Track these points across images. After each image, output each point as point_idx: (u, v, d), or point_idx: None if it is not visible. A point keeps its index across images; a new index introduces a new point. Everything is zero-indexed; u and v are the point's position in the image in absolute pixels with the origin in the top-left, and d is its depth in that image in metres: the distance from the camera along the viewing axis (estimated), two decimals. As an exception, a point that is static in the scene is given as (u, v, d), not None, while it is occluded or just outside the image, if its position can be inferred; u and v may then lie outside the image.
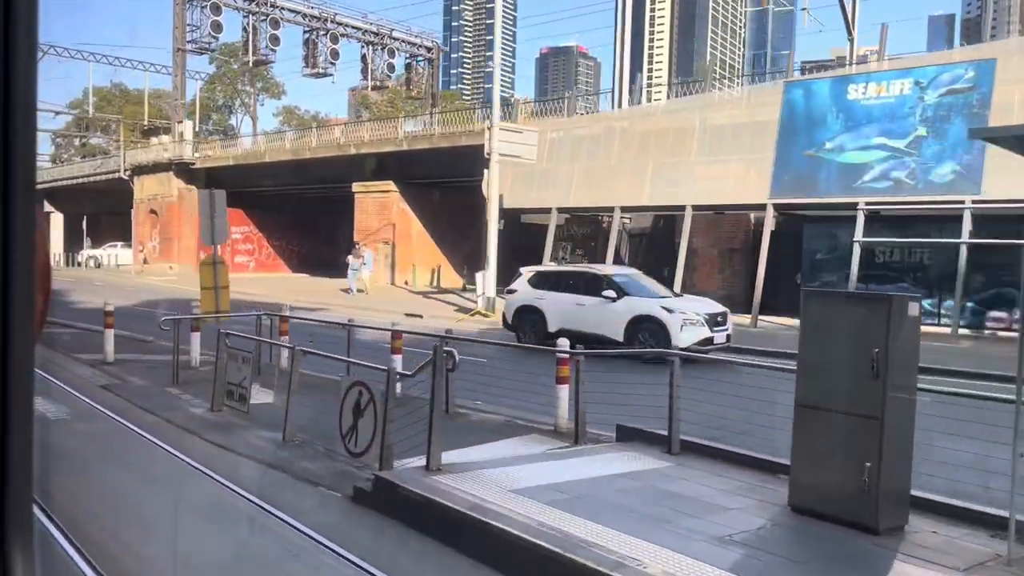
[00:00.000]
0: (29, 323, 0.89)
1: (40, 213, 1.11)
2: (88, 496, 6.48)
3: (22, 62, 0.86)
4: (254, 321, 12.61)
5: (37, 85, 0.90)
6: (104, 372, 11.91)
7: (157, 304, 23.73)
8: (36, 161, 0.96)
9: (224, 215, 12.30)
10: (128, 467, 7.42)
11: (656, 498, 5.70)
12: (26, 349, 0.89)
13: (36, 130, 0.93)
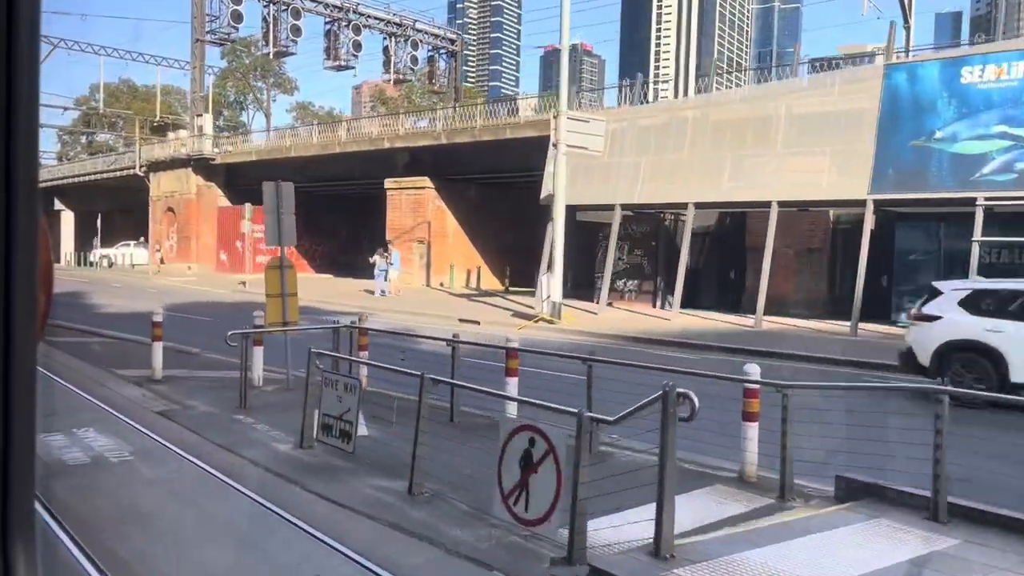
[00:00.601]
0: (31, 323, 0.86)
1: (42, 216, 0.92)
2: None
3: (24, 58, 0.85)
4: (325, 333, 10.98)
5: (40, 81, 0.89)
6: (155, 393, 10.28)
7: (185, 308, 22.13)
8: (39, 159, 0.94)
9: (292, 211, 10.67)
10: (226, 534, 5.79)
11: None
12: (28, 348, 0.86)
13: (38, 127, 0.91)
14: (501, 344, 9.16)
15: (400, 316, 20.54)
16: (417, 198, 29.47)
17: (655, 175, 19.50)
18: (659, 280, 22.16)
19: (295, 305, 10.62)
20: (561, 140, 17.22)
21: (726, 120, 18.57)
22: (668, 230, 22.32)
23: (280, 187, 10.51)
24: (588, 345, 15.13)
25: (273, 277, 10.51)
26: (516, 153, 25.81)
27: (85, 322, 18.14)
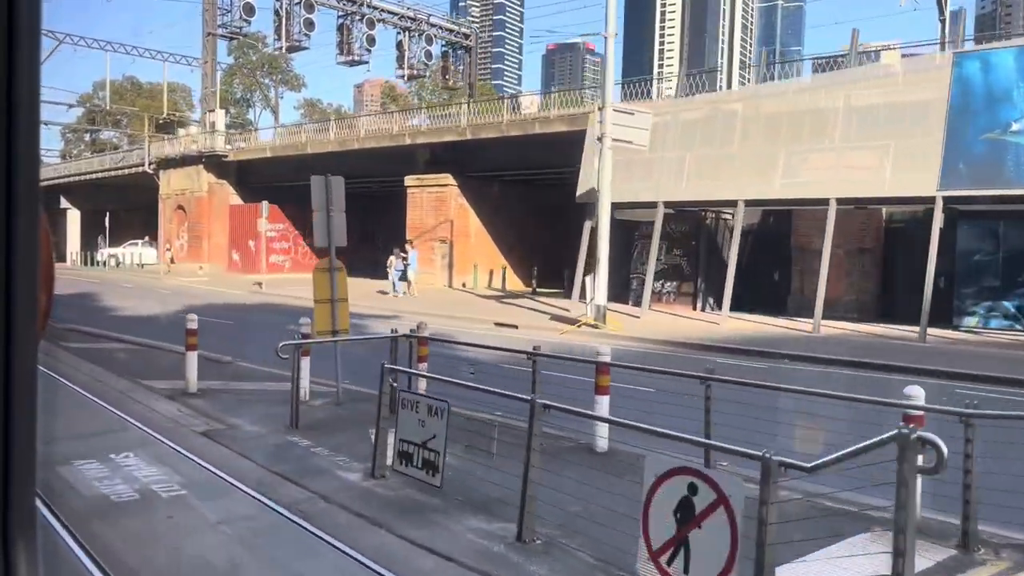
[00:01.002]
0: (32, 321, 0.86)
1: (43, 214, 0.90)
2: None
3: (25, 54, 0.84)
4: (373, 343, 10.01)
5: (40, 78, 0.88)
6: (193, 409, 9.31)
7: (203, 311, 21.14)
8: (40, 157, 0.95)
9: (342, 207, 9.69)
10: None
11: None
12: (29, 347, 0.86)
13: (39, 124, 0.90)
14: (586, 357, 8.16)
15: (429, 319, 19.54)
16: (439, 196, 28.49)
17: (701, 171, 18.52)
18: (699, 281, 21.17)
19: (345, 312, 9.65)
20: (607, 133, 16.25)
21: (779, 113, 17.58)
22: (709, 229, 21.33)
23: (330, 181, 9.54)
24: (644, 352, 14.15)
25: (322, 281, 9.53)
26: (545, 149, 24.84)
27: (101, 326, 17.21)
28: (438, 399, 6.30)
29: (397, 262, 26.50)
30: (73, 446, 7.58)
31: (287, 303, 23.60)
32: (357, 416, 9.09)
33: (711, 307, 21.40)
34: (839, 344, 14.83)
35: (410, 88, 66.11)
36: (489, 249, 29.63)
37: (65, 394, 9.98)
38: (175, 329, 17.59)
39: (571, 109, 25.49)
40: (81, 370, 11.76)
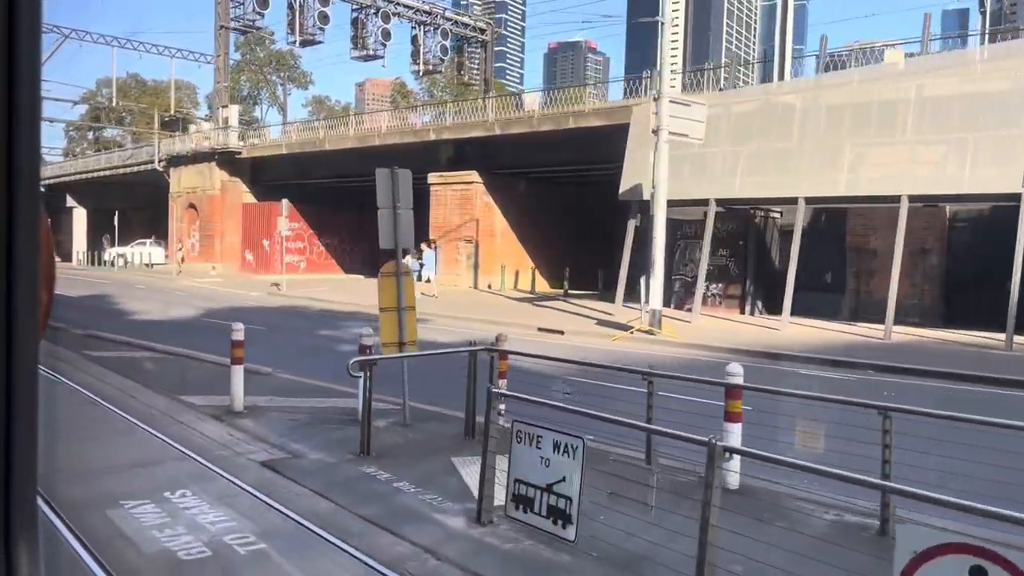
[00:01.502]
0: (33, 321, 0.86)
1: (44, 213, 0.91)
2: None
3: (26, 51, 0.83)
4: (445, 357, 8.94)
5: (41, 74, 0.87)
6: (243, 432, 8.25)
7: (226, 314, 20.09)
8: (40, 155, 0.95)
9: (409, 204, 8.63)
10: None
11: None
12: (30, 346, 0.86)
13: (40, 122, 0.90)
14: (710, 377, 7.09)
15: (459, 323, 18.51)
16: (464, 194, 27.42)
17: (756, 167, 17.45)
18: (748, 284, 20.10)
19: (413, 321, 8.58)
20: (663, 126, 15.19)
21: (842, 105, 16.51)
22: (758, 228, 20.25)
23: (396, 175, 8.50)
24: (713, 363, 13.06)
25: (388, 287, 8.47)
26: (578, 144, 23.79)
27: (120, 331, 16.13)
28: (571, 434, 5.23)
29: (412, 262, 25.49)
30: (118, 481, 6.53)
31: (312, 306, 22.56)
32: (432, 441, 8.05)
33: (759, 311, 20.35)
34: (920, 353, 13.77)
35: (422, 85, 65.07)
36: (515, 249, 28.57)
37: (97, 413, 8.93)
38: (201, 335, 16.54)
39: (608, 103, 24.43)
40: (109, 382, 10.71)
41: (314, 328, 17.48)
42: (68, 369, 11.43)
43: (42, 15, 0.86)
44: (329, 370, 12.35)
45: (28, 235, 0.85)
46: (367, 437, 7.39)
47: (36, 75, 0.85)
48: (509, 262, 27.97)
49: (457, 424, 8.61)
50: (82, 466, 7.00)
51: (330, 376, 11.61)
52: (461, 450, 7.61)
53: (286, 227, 25.81)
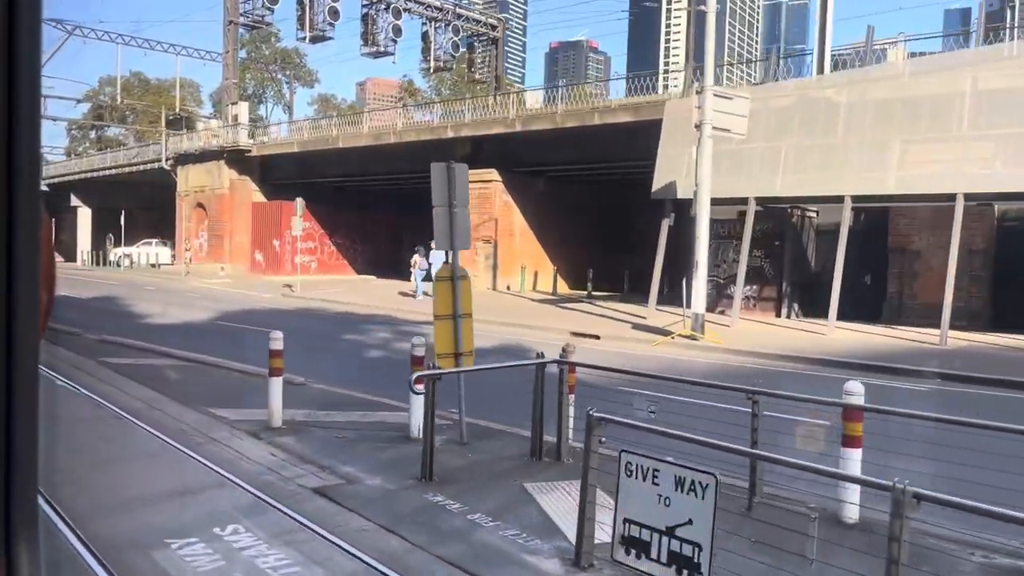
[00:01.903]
0: (34, 320, 0.86)
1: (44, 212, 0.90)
2: None
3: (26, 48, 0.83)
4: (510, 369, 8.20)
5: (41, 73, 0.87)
6: (289, 452, 7.52)
7: (242, 318, 19.38)
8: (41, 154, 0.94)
9: (466, 202, 7.91)
10: None
11: None
12: (31, 345, 0.86)
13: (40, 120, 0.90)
14: (820, 397, 6.35)
15: (491, 328, 17.79)
16: (483, 193, 26.66)
17: (799, 164, 16.72)
18: (784, 286, 19.36)
19: (470, 330, 7.84)
20: (707, 120, 14.46)
21: (891, 99, 15.79)
22: (795, 228, 19.52)
23: (453, 171, 7.76)
24: (767, 371, 12.32)
25: (444, 292, 7.73)
26: (603, 141, 23.07)
27: (134, 335, 15.39)
28: (699, 469, 4.49)
29: (421, 261, 24.77)
30: (159, 514, 5.81)
31: (329, 308, 21.83)
32: (496, 463, 7.31)
33: (796, 314, 19.62)
34: (983, 360, 13.05)
35: (430, 84, 64.38)
36: (534, 249, 27.85)
37: (124, 429, 8.20)
38: (220, 339, 15.83)
39: (635, 98, 23.70)
40: (131, 393, 9.98)
41: (337, 332, 16.76)
42: (87, 379, 10.71)
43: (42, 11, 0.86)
44: (364, 379, 11.64)
45: (28, 234, 0.84)
46: (430, 460, 6.66)
47: (36, 72, 0.85)
48: (528, 262, 27.25)
49: (518, 443, 7.89)
50: (116, 495, 6.28)
51: (366, 386, 10.90)
52: (531, 474, 6.89)
53: (300, 227, 25.08)
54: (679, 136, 18.73)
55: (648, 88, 24.06)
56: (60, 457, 7.22)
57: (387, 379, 12.13)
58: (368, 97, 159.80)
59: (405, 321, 18.82)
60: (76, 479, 6.56)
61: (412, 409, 8.03)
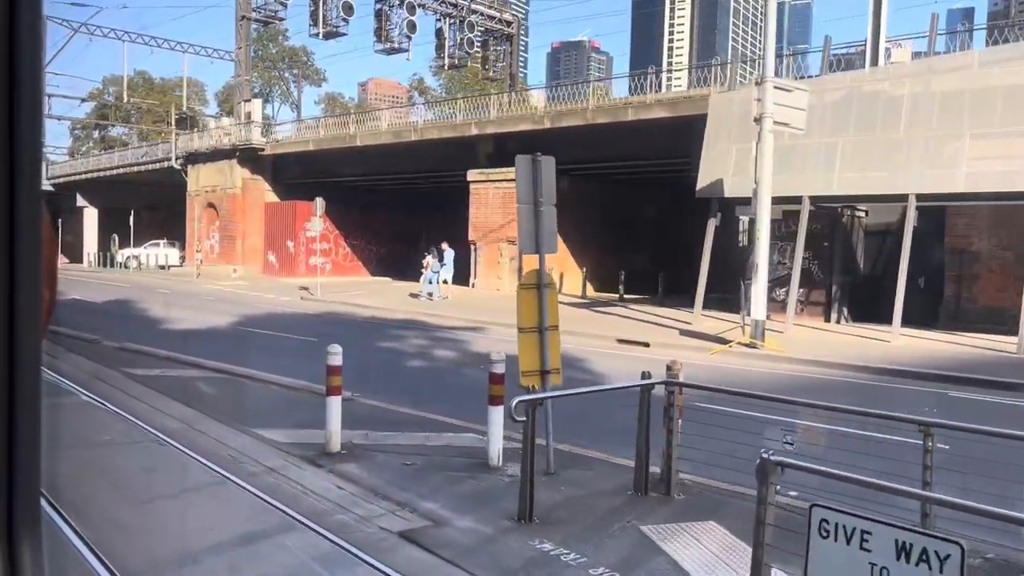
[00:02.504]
0: (35, 318, 0.87)
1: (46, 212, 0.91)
2: None
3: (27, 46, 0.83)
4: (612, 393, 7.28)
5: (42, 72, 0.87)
6: (356, 483, 6.62)
7: (265, 323, 18.48)
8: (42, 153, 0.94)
9: (552, 200, 7.00)
10: None
11: None
12: (33, 344, 0.86)
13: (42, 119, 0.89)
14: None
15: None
16: (508, 192, 25.71)
17: (858, 161, 15.81)
18: (834, 289, 18.45)
19: (558, 345, 6.93)
20: (767, 113, 13.55)
21: (960, 91, 14.87)
22: (845, 228, 18.61)
23: (539, 164, 6.86)
24: (844, 384, 11.40)
25: (529, 302, 6.83)
26: (634, 138, 22.16)
27: (155, 342, 14.48)
28: (934, 535, 3.57)
29: (433, 262, 23.88)
30: (225, 570, 4.91)
31: (354, 312, 20.93)
32: (596, 499, 6.39)
33: (845, 318, 18.71)
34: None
35: (440, 82, 63.51)
36: (559, 251, 26.88)
37: (167, 455, 7.29)
38: (246, 347, 14.92)
39: (672, 93, 22.80)
40: (164, 410, 9.08)
41: (370, 339, 15.86)
42: (114, 393, 9.81)
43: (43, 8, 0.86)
44: (412, 393, 10.74)
45: (30, 233, 0.84)
46: (529, 500, 5.74)
47: (38, 71, 0.85)
48: (553, 264, 26.32)
49: (611, 473, 6.98)
50: (170, 543, 5.38)
51: (417, 401, 10.01)
52: (642, 514, 5.98)
53: (319, 227, 24.19)
54: (724, 132, 17.84)
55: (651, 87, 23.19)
56: (98, 492, 6.33)
57: (436, 393, 11.25)
58: (370, 97, 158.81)
59: (437, 327, 17.92)
60: (121, 522, 5.66)
61: (490, 433, 7.13)
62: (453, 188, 29.39)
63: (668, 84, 79.16)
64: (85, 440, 7.63)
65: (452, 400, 10.44)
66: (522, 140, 25.61)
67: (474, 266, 27.15)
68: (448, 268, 24.09)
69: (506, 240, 26.11)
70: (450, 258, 24.17)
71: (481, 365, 13.23)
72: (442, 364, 13.32)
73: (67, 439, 7.58)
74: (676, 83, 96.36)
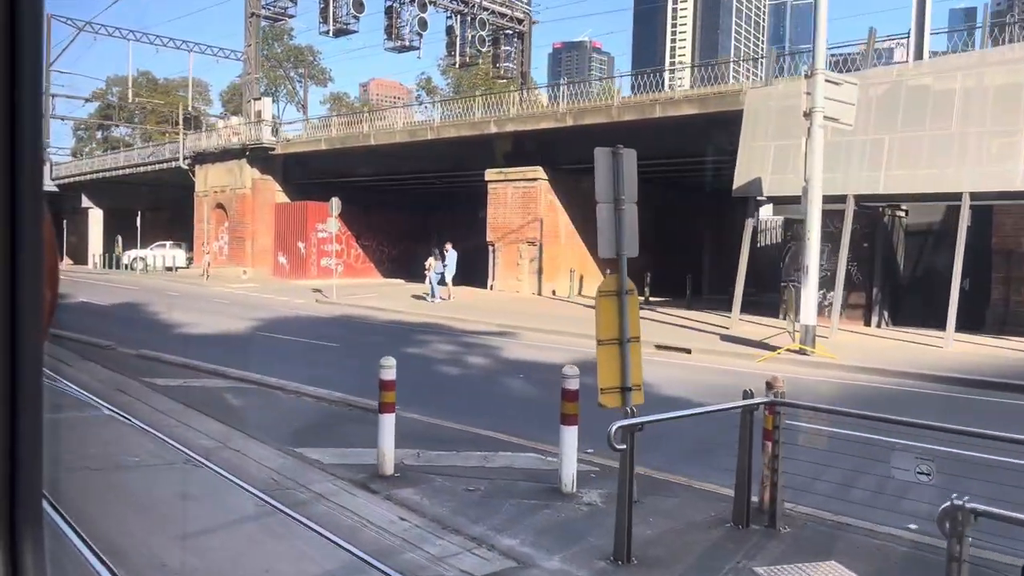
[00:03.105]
0: (37, 321, 0.87)
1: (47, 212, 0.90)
2: None
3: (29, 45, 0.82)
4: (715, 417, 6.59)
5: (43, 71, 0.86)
6: (419, 513, 5.94)
7: (280, 327, 17.80)
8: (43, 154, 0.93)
9: (634, 197, 6.30)
10: None
11: None
12: (35, 346, 0.86)
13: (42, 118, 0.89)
14: None
15: (560, 340, 16.21)
16: (527, 192, 25.08)
17: (906, 158, 15.12)
18: (875, 291, 17.75)
19: (639, 358, 6.23)
20: (818, 107, 12.87)
21: (1018, 84, 14.17)
22: (886, 228, 17.92)
23: (621, 158, 6.15)
24: (910, 394, 10.67)
25: (609, 311, 6.13)
26: (661, 136, 21.47)
27: (175, 349, 13.79)
28: None
29: (436, 264, 23.37)
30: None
31: (373, 316, 20.24)
32: (692, 532, 5.69)
33: (886, 322, 18.02)
34: None
35: (448, 80, 62.85)
36: (579, 252, 26.24)
37: (203, 480, 6.61)
38: (267, 353, 14.22)
39: (702, 89, 22.11)
40: (193, 426, 8.40)
41: (396, 345, 15.17)
42: (138, 407, 9.12)
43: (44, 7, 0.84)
44: (454, 405, 10.05)
45: (31, 234, 0.84)
46: (627, 539, 5.05)
47: (39, 70, 0.84)
48: (574, 266, 25.63)
49: (701, 501, 6.29)
50: None
51: (460, 414, 9.32)
52: (750, 551, 5.28)
53: (336, 227, 23.53)
54: (761, 128, 17.17)
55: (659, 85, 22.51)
56: (134, 524, 5.65)
57: (478, 404, 10.56)
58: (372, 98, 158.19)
59: (462, 331, 17.24)
60: (164, 561, 4.97)
61: (563, 456, 6.44)
62: (467, 188, 28.74)
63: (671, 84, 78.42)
64: (114, 461, 6.96)
65: (497, 413, 9.76)
66: (541, 138, 25.00)
67: (492, 268, 26.47)
68: (450, 269, 23.62)
69: (525, 241, 25.43)
70: (452, 259, 23.70)
71: (519, 374, 12.60)
72: (477, 372, 12.64)
73: (95, 459, 6.91)
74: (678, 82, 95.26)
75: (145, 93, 63.42)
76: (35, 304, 0.86)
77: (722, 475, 6.72)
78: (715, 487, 6.55)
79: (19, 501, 0.85)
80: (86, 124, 71.05)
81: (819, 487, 5.81)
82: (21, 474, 0.85)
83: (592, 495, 6.42)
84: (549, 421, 9.43)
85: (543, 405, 10.49)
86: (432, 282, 23.22)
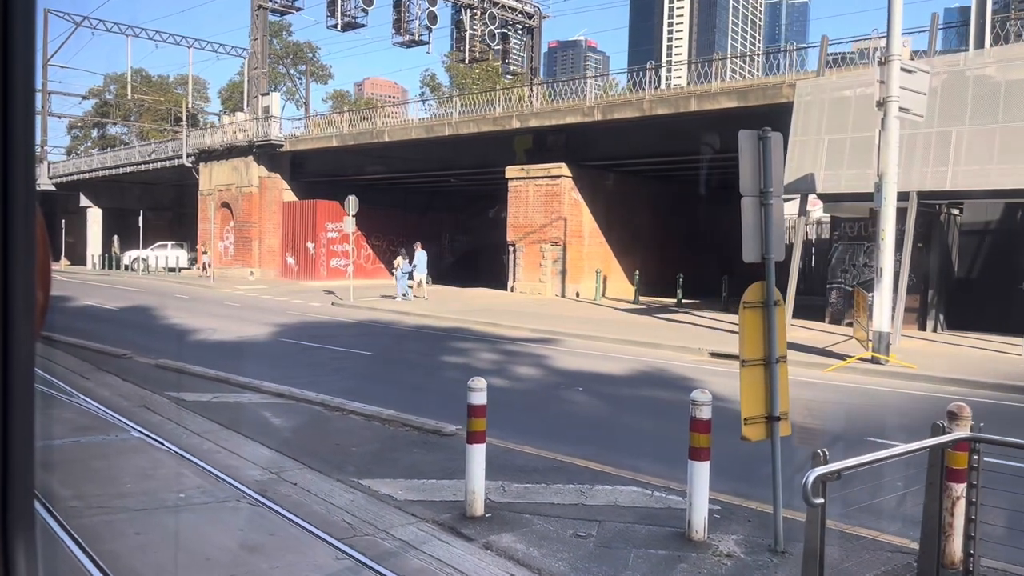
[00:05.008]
0: (29, 321, 0.85)
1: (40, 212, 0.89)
2: None
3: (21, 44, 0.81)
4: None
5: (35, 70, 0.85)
6: (529, 569, 4.94)
7: (304, 333, 16.77)
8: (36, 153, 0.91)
9: (781, 191, 5.32)
10: None
11: None
12: (27, 346, 0.85)
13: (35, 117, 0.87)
14: None
15: (603, 347, 15.24)
16: (550, 189, 24.10)
17: (977, 152, 14.19)
18: (931, 294, 16.83)
19: (787, 381, 5.26)
20: (892, 97, 11.93)
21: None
22: (941, 227, 17.00)
23: (768, 142, 5.17)
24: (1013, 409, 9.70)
25: (754, 325, 5.16)
26: (693, 131, 20.54)
27: (195, 358, 12.71)
28: None
29: (404, 263, 23.18)
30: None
31: (399, 320, 19.21)
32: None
33: (941, 326, 17.10)
34: None
35: (452, 77, 61.86)
36: (603, 252, 25.29)
37: (260, 522, 5.60)
38: (298, 364, 13.13)
39: (741, 81, 21.17)
40: (236, 451, 7.39)
41: (432, 354, 14.18)
42: (170, 428, 8.11)
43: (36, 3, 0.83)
44: (520, 424, 9.03)
45: (24, 234, 0.83)
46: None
47: (31, 68, 0.83)
48: (598, 267, 24.67)
49: (862, 551, 5.29)
50: None
51: (529, 434, 8.32)
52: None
53: (353, 227, 22.55)
54: (813, 122, 16.24)
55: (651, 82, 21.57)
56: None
57: (546, 423, 9.57)
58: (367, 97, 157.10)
59: (500, 337, 16.25)
60: None
61: (693, 496, 5.44)
62: (484, 186, 27.76)
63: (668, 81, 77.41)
64: (157, 499, 5.94)
65: (570, 434, 8.79)
66: (564, 134, 24.02)
67: (513, 268, 25.49)
68: (420, 268, 23.55)
69: (548, 241, 24.45)
70: (421, 259, 23.66)
71: (578, 386, 11.60)
72: (531, 385, 11.65)
73: (133, 497, 5.91)
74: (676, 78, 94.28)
75: (141, 91, 62.25)
76: (27, 304, 0.84)
77: (876, 518, 5.78)
78: (868, 531, 5.58)
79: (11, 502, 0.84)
80: (82, 122, 69.82)
81: (1016, 538, 4.85)
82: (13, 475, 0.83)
83: (727, 543, 5.43)
84: (634, 444, 8.49)
85: (620, 425, 9.52)
86: (399, 280, 23.49)
